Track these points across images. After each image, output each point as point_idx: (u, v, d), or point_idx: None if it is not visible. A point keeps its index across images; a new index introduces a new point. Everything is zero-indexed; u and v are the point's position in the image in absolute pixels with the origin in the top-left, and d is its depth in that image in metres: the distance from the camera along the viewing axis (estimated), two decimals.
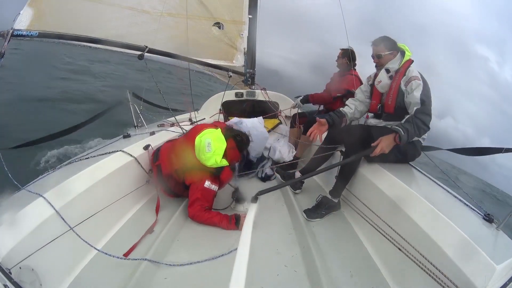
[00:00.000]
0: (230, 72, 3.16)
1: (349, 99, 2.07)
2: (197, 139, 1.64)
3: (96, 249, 1.36)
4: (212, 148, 1.59)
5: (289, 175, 2.32)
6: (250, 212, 1.52)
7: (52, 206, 1.22)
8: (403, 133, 1.50)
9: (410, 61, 1.74)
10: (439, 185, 1.52)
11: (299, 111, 2.99)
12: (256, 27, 3.44)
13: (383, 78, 1.81)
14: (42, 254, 1.11)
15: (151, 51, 2.15)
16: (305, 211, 1.78)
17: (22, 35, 1.55)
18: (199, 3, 2.95)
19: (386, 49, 1.79)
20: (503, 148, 1.41)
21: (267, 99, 3.47)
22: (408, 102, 1.65)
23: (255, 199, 1.76)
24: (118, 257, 1.33)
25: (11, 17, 1.59)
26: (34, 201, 1.19)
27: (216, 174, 1.68)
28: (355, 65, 2.81)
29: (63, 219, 1.25)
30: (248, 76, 3.57)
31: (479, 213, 1.23)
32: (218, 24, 3.16)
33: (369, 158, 1.74)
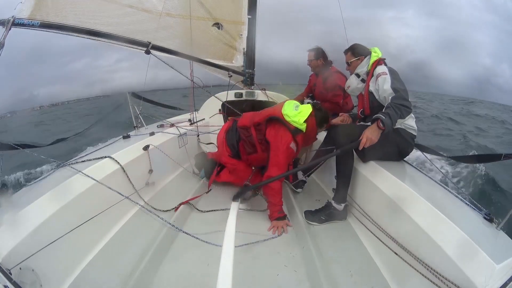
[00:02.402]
0: (230, 72, 3.17)
1: None
2: (286, 102, 1.84)
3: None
4: (299, 109, 1.79)
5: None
6: (233, 210, 1.51)
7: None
8: (384, 117, 1.51)
9: (378, 61, 1.80)
10: (439, 184, 1.52)
11: None
12: (255, 27, 3.44)
13: (352, 83, 1.96)
14: (42, 255, 1.11)
15: (154, 47, 2.13)
16: (305, 212, 1.78)
17: (23, 24, 1.51)
18: (198, 4, 2.94)
19: (353, 56, 1.92)
20: (502, 154, 1.40)
21: (268, 99, 3.47)
22: (382, 97, 1.69)
23: (236, 197, 1.73)
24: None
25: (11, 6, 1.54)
26: (34, 202, 1.19)
27: (294, 135, 1.75)
28: (331, 62, 2.76)
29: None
30: (247, 76, 3.57)
31: (479, 213, 1.23)
32: (217, 25, 3.16)
33: (362, 156, 1.73)
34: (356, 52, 1.91)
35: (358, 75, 1.90)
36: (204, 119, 3.01)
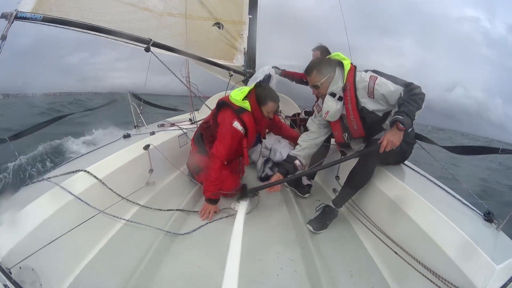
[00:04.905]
0: (231, 71, 3.16)
1: (301, 136, 1.87)
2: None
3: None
4: (241, 89, 1.94)
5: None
6: (241, 209, 1.50)
7: (70, 192, 1.32)
8: (402, 117, 1.34)
9: (353, 70, 1.56)
10: (439, 185, 1.52)
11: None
12: (256, 27, 3.44)
13: (331, 107, 1.62)
14: (42, 254, 1.11)
15: (155, 44, 2.13)
16: (310, 223, 1.63)
17: (26, 18, 1.54)
18: (199, 3, 2.94)
19: (321, 75, 1.59)
20: (499, 148, 1.41)
21: None
22: (393, 100, 1.48)
23: (245, 196, 1.69)
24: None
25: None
26: (34, 201, 1.19)
27: (239, 114, 1.85)
28: None
29: (87, 203, 1.36)
30: (248, 76, 3.57)
31: (479, 213, 1.23)
32: (218, 24, 3.16)
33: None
34: (324, 68, 1.58)
35: (333, 94, 1.60)
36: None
